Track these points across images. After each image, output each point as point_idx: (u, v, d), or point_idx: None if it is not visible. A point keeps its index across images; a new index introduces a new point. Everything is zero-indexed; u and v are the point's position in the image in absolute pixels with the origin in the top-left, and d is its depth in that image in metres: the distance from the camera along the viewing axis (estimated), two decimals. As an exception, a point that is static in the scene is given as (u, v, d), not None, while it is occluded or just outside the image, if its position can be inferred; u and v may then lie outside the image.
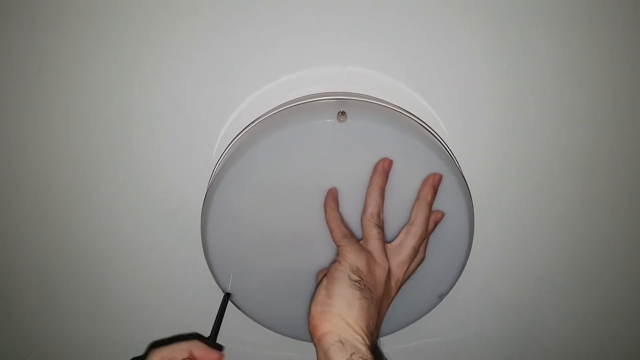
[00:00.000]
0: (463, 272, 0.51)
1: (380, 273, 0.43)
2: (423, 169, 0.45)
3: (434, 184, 0.44)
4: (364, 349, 0.39)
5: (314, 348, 0.41)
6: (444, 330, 0.61)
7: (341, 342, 0.39)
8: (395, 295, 0.46)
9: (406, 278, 0.46)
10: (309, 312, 0.42)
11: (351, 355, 0.38)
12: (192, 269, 0.55)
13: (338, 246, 0.44)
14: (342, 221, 0.46)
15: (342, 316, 0.40)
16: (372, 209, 0.44)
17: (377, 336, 0.44)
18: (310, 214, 0.46)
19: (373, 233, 0.44)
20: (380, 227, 0.44)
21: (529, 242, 0.55)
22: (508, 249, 0.56)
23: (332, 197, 0.46)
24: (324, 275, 0.44)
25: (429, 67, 0.47)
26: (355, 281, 0.41)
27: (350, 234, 0.44)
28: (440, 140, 0.48)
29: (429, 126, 0.48)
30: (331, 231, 0.45)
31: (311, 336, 0.41)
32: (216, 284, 0.51)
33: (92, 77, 0.47)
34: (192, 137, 0.50)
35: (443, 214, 0.47)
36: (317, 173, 0.45)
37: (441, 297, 0.52)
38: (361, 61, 0.47)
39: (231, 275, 0.50)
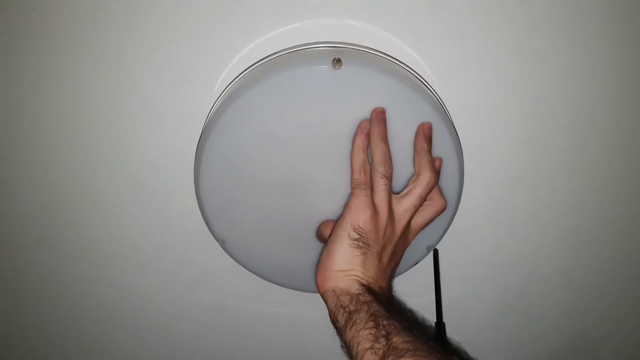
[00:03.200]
0: (452, 224, 0.52)
1: (382, 226, 0.44)
2: (416, 116, 0.45)
3: (425, 132, 0.45)
4: (353, 287, 0.42)
5: (307, 297, 0.45)
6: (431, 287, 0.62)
7: (334, 290, 0.43)
8: (408, 240, 0.47)
9: (421, 224, 0.47)
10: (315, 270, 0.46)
11: (338, 297, 0.42)
12: (185, 215, 0.55)
13: (351, 192, 0.45)
14: (364, 165, 0.45)
15: (340, 272, 0.43)
16: (378, 157, 0.44)
17: (387, 281, 0.46)
18: (304, 160, 0.47)
19: (380, 184, 0.44)
20: (388, 178, 0.44)
21: (520, 194, 0.56)
22: (498, 200, 0.56)
23: (362, 131, 0.45)
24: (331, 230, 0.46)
25: (425, 23, 0.47)
26: (355, 239, 0.44)
27: (366, 183, 0.44)
28: (432, 91, 0.48)
29: (422, 77, 0.48)
30: (351, 172, 0.45)
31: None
32: (209, 232, 0.52)
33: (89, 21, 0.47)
34: (189, 83, 0.50)
35: (441, 159, 0.47)
36: (312, 120, 0.45)
37: (429, 249, 0.53)
38: (358, 15, 0.47)
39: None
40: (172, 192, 0.55)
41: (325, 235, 0.47)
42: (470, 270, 0.61)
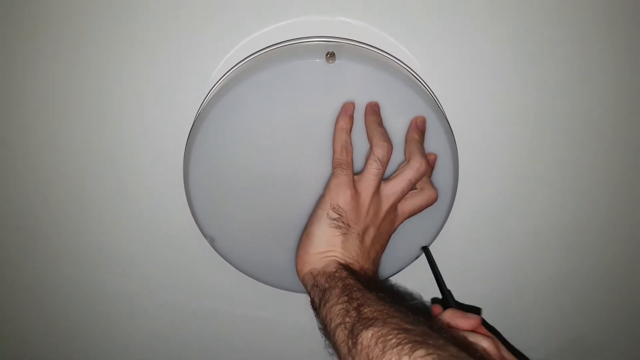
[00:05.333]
0: (446, 223, 0.51)
1: (363, 206, 0.43)
2: (410, 111, 0.45)
3: (418, 125, 0.45)
4: (331, 266, 0.41)
5: (297, 297, 0.44)
6: (427, 288, 0.61)
7: (311, 272, 0.41)
8: (394, 225, 0.46)
9: (409, 211, 0.46)
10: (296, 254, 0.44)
11: (315, 277, 0.41)
12: (174, 214, 0.54)
13: (331, 173, 0.44)
14: (346, 145, 0.44)
15: (319, 254, 0.42)
16: (377, 139, 0.43)
17: (371, 263, 0.44)
18: (295, 155, 0.46)
19: (371, 168, 0.43)
20: (383, 163, 0.43)
21: (516, 192, 0.55)
22: (494, 199, 0.55)
23: (346, 113, 0.44)
24: None
25: (417, 20, 0.47)
26: (334, 219, 0.43)
27: (347, 164, 0.43)
28: (426, 87, 0.48)
29: (416, 73, 0.48)
30: (333, 152, 0.44)
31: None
32: (199, 230, 0.51)
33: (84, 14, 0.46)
34: (181, 78, 0.49)
35: (436, 155, 0.46)
36: (304, 114, 0.45)
37: (423, 249, 0.52)
38: (351, 12, 0.47)
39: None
40: (161, 189, 0.54)
41: None
42: (464, 271, 0.60)
